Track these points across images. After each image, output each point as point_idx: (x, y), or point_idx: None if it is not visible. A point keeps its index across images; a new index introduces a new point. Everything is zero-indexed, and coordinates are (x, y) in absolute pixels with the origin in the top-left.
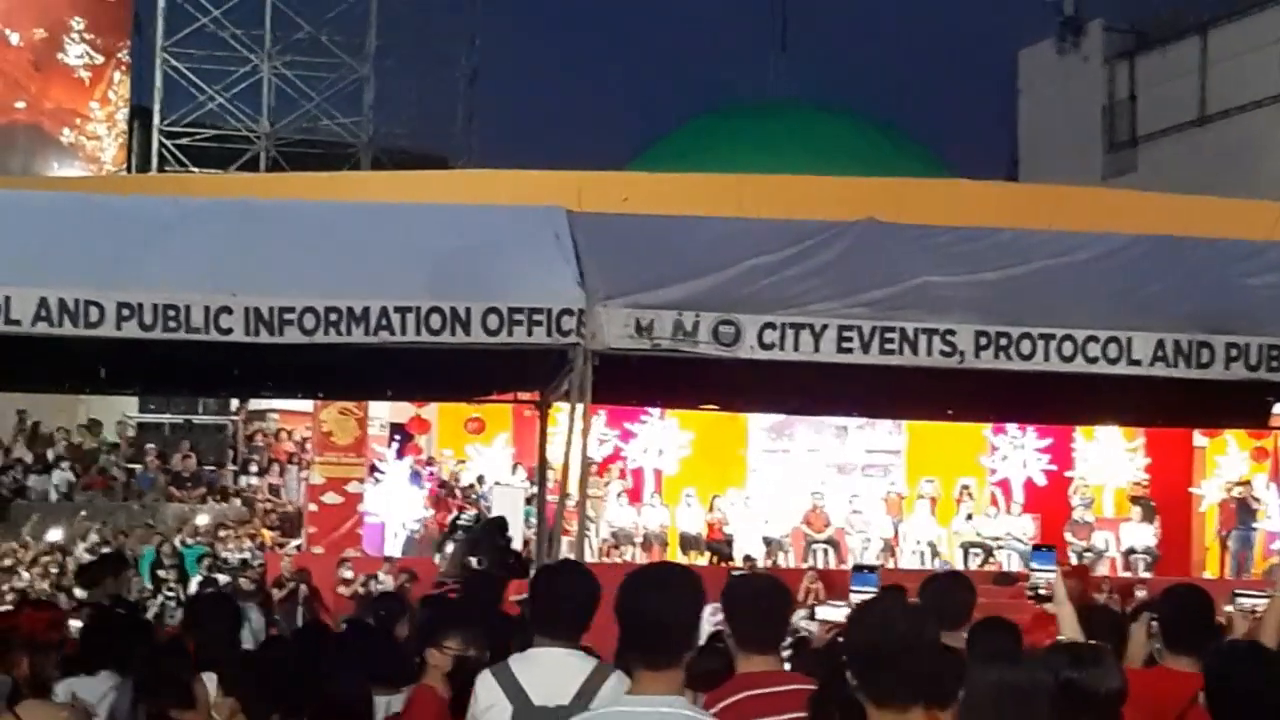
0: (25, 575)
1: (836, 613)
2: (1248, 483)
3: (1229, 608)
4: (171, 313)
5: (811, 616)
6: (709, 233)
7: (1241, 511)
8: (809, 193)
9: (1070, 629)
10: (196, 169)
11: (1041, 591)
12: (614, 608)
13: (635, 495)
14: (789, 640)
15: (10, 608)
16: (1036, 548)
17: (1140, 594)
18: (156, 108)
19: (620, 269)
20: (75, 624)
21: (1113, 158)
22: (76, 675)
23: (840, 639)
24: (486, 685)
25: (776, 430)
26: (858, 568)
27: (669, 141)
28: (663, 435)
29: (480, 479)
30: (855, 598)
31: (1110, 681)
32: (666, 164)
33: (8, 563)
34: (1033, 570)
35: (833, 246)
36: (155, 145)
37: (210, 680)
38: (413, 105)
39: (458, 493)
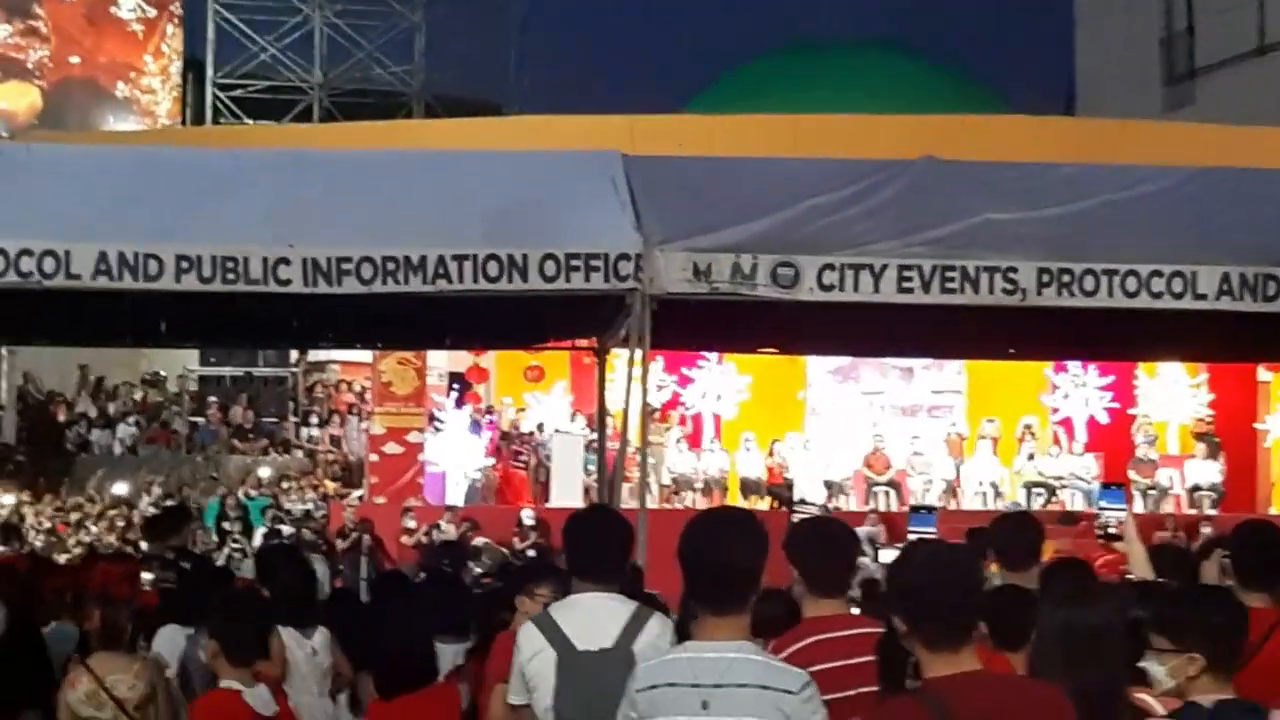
0: (93, 529)
1: None
2: None
3: None
4: (230, 264)
5: (875, 559)
6: (766, 174)
7: None
8: (866, 132)
9: (1141, 567)
10: (250, 121)
11: (1111, 530)
12: (677, 554)
13: (694, 440)
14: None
15: (78, 562)
16: (1105, 486)
17: (1206, 531)
18: (209, 60)
19: (677, 212)
20: (146, 576)
21: (1171, 90)
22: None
23: None
24: (529, 635)
25: (843, 373)
26: (915, 508)
27: (724, 84)
28: (721, 380)
29: (540, 427)
30: (913, 539)
31: None
32: (721, 106)
33: (75, 517)
34: (1101, 509)
35: (891, 186)
36: (209, 98)
37: (288, 634)
38: (465, 52)
39: (516, 441)
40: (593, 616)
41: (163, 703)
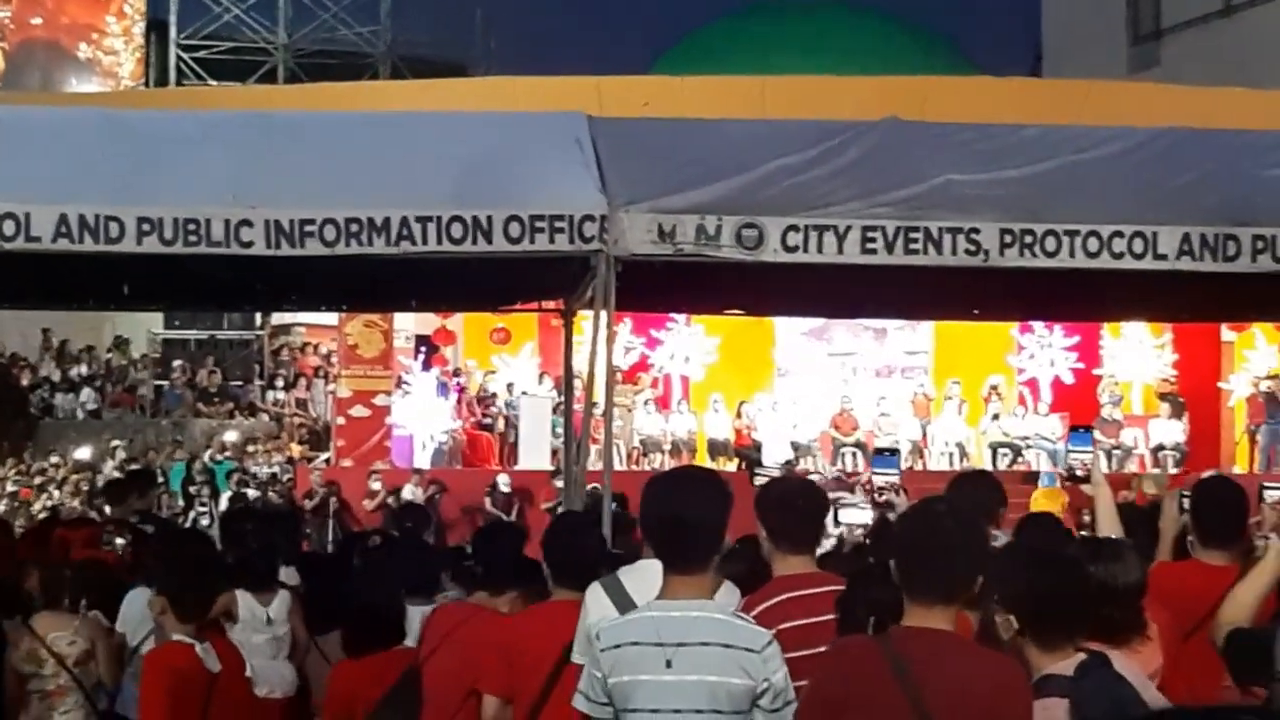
0: (56, 493)
1: (861, 514)
2: (1277, 376)
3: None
4: (192, 226)
5: (835, 520)
6: (731, 136)
7: (1270, 405)
8: (831, 93)
9: (1106, 509)
10: (214, 82)
11: (1078, 473)
12: (639, 514)
13: (663, 402)
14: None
15: (37, 526)
16: (1073, 429)
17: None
18: (173, 21)
19: (642, 174)
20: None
21: (1137, 51)
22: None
23: (868, 540)
24: (597, 598)
25: (815, 334)
26: (878, 450)
27: (690, 45)
28: (689, 341)
29: (508, 389)
30: (877, 479)
31: (1128, 575)
32: (687, 67)
33: (39, 481)
34: (1070, 451)
35: (855, 147)
36: (172, 59)
37: (243, 599)
38: (430, 13)
39: (484, 404)
40: (659, 581)
41: (103, 659)
